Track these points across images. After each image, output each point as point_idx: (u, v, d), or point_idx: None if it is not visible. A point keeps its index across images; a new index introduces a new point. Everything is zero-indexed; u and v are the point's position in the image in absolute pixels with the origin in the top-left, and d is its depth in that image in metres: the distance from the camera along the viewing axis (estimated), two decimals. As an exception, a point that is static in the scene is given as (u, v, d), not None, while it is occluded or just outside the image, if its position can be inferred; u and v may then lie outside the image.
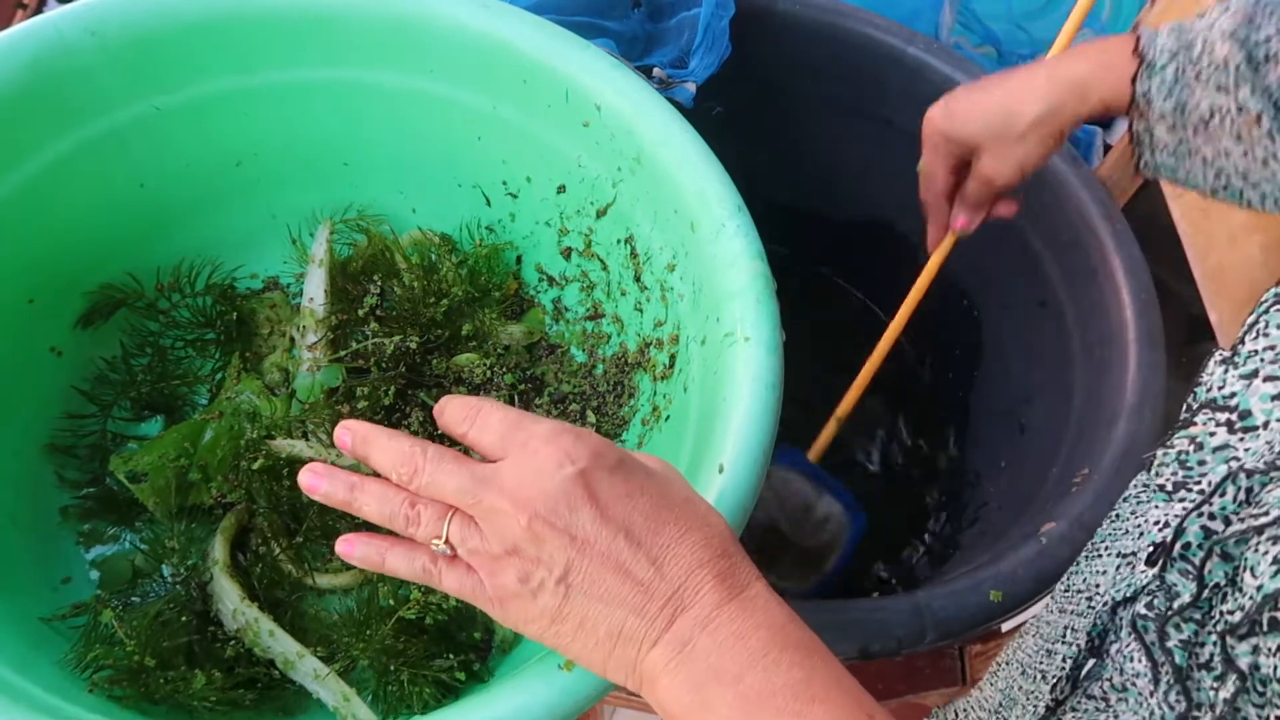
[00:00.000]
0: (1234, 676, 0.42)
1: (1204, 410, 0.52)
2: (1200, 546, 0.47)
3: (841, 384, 1.05)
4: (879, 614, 0.81)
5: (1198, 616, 0.46)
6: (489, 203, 0.91)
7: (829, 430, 1.08)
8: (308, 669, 0.71)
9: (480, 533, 0.49)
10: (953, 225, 0.92)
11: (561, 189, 0.85)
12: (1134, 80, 0.71)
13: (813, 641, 0.48)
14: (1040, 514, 0.86)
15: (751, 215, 0.71)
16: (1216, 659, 0.44)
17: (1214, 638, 0.44)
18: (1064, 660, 0.59)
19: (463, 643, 0.74)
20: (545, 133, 0.83)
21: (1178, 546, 0.48)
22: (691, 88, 0.94)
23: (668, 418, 0.76)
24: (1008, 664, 0.71)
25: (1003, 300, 1.11)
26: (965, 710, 0.74)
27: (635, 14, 1.02)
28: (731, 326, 0.66)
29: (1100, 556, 0.62)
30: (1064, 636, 0.61)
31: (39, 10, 1.19)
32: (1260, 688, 0.41)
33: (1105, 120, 1.22)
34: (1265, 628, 0.40)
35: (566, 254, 0.89)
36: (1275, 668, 0.39)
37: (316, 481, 0.53)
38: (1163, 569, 0.49)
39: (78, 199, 0.80)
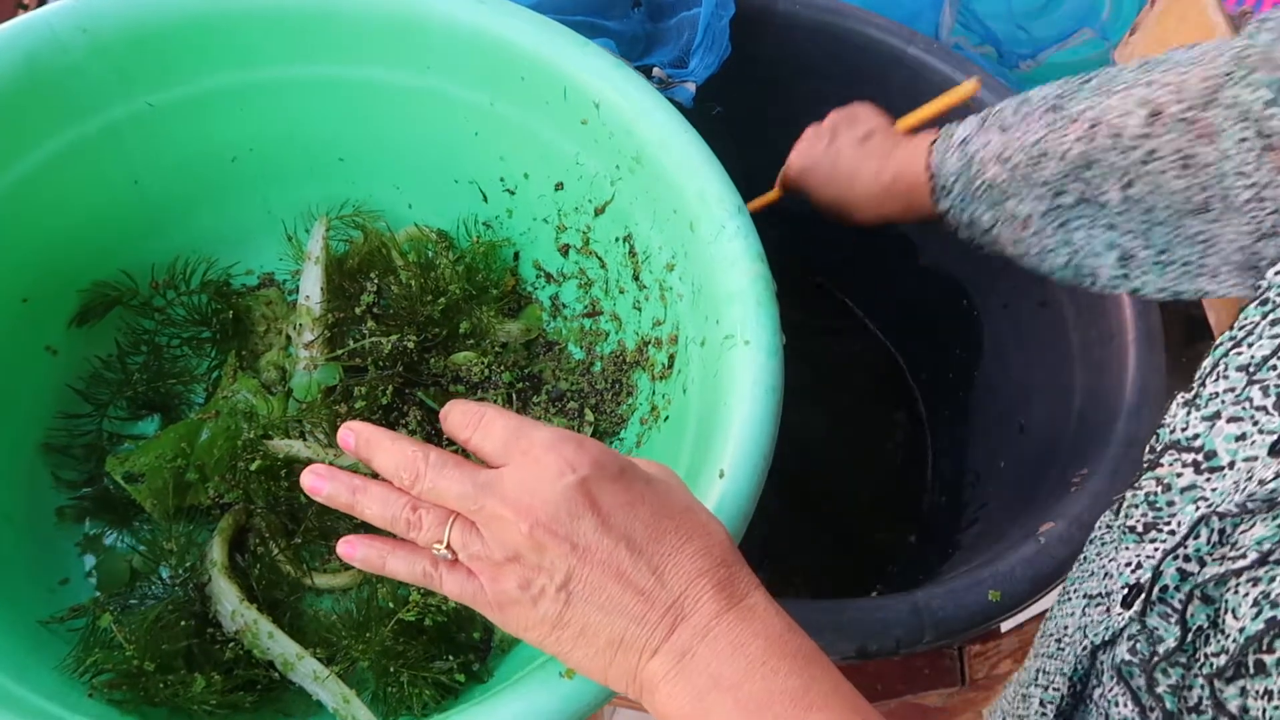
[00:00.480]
0: None
1: (1169, 451, 0.52)
2: (1178, 589, 0.48)
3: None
4: (878, 613, 0.80)
5: (1183, 660, 0.46)
6: (486, 199, 0.91)
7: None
8: (307, 670, 0.70)
9: (482, 538, 0.49)
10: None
11: (559, 186, 0.85)
12: (933, 197, 0.80)
13: (811, 649, 0.48)
14: (1039, 514, 0.86)
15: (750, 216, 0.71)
16: (1205, 702, 0.44)
17: (1200, 680, 0.45)
18: (1043, 705, 0.60)
19: (462, 643, 0.74)
20: (543, 130, 0.83)
21: (1156, 590, 0.48)
22: (691, 88, 0.93)
23: (666, 418, 0.76)
24: (992, 713, 0.71)
25: (1003, 300, 1.11)
26: None
27: (635, 13, 1.01)
28: (731, 329, 0.66)
29: (1070, 600, 0.62)
30: (1036, 679, 0.62)
31: (38, 9, 1.18)
32: None
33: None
34: (1251, 670, 0.40)
35: (564, 251, 0.88)
36: (1264, 710, 0.39)
37: (319, 483, 0.53)
38: (1143, 613, 0.49)
39: (72, 196, 0.79)
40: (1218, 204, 0.67)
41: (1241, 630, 0.41)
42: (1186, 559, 0.47)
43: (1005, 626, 0.86)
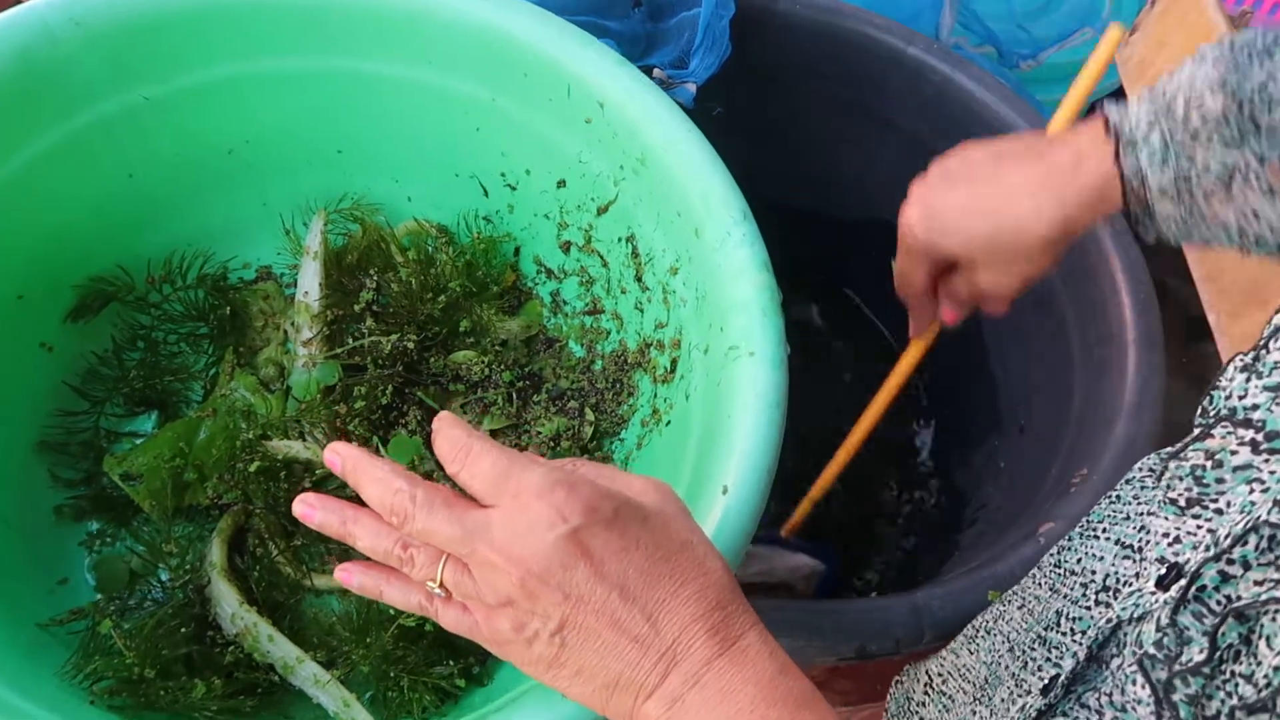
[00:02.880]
0: None
1: (1223, 423, 0.49)
2: (1217, 589, 0.46)
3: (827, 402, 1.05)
4: (877, 614, 0.81)
5: (1207, 671, 0.45)
6: (486, 193, 0.90)
7: (803, 509, 1.05)
8: (308, 674, 0.70)
9: (474, 580, 0.48)
10: (943, 318, 0.80)
11: (561, 183, 0.84)
12: (1116, 159, 0.60)
13: (802, 693, 0.48)
14: (1039, 514, 0.86)
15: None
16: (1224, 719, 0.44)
17: (1221, 694, 0.44)
18: (1059, 658, 0.59)
19: (462, 647, 0.74)
20: (546, 127, 0.82)
21: (1193, 589, 0.47)
22: (692, 88, 0.92)
23: (668, 423, 0.76)
24: (989, 634, 0.69)
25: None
26: (943, 676, 0.73)
27: (635, 14, 1.00)
28: (736, 339, 0.65)
29: (1097, 538, 0.60)
30: (1058, 624, 0.60)
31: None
32: None
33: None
34: (1278, 709, 0.39)
35: (565, 248, 0.88)
36: None
37: (310, 512, 0.52)
38: (1175, 610, 0.48)
39: (67, 191, 0.78)
40: None
41: (1277, 669, 0.40)
42: (1230, 561, 0.46)
43: (1004, 627, 0.86)
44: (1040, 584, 0.66)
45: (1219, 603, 0.46)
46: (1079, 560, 0.61)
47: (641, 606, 0.46)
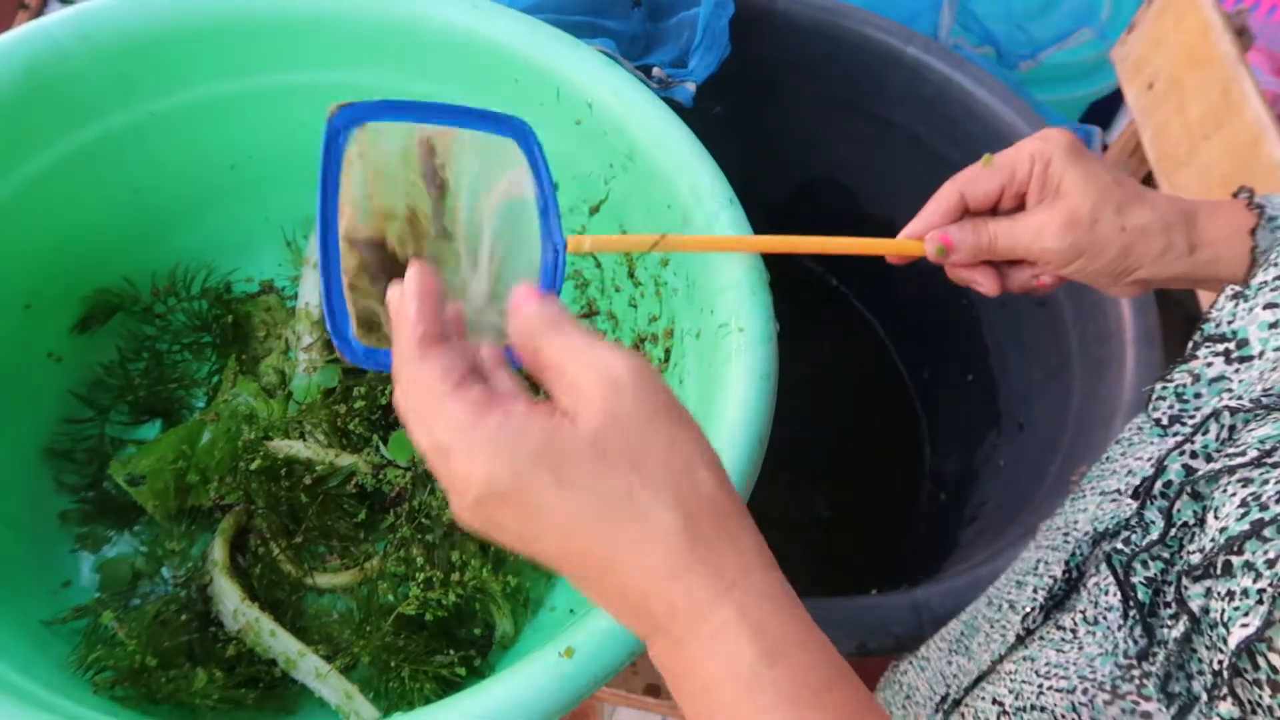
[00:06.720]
0: (1185, 618, 0.41)
1: (1207, 343, 0.50)
2: (1180, 485, 0.46)
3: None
4: (877, 611, 0.80)
5: (1166, 555, 0.45)
6: (484, 204, 0.91)
7: None
8: (309, 667, 0.71)
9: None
10: (940, 241, 0.68)
11: (554, 187, 0.85)
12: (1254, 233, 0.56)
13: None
14: (1038, 512, 0.86)
15: (750, 215, 0.71)
16: (1172, 599, 0.43)
17: (1173, 577, 0.44)
18: (1034, 591, 0.58)
19: (463, 639, 0.74)
20: (538, 132, 0.83)
21: (1159, 484, 0.47)
22: (691, 87, 0.93)
23: (665, 412, 0.76)
24: (975, 600, 0.70)
25: (1001, 299, 1.10)
26: (926, 644, 0.74)
27: (635, 13, 1.02)
28: (725, 318, 0.66)
29: (1085, 496, 0.60)
30: (1035, 569, 0.60)
31: (41, 11, 1.20)
32: (1209, 631, 0.40)
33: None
34: (1219, 570, 0.39)
35: (562, 254, 0.88)
36: (1223, 610, 0.38)
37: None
38: (1143, 505, 0.48)
39: (73, 204, 0.80)
40: None
41: (1223, 530, 0.39)
42: (1194, 455, 0.45)
43: (1006, 623, 0.85)
44: (1028, 549, 0.66)
45: (1174, 495, 0.46)
46: (1065, 519, 0.61)
47: None
